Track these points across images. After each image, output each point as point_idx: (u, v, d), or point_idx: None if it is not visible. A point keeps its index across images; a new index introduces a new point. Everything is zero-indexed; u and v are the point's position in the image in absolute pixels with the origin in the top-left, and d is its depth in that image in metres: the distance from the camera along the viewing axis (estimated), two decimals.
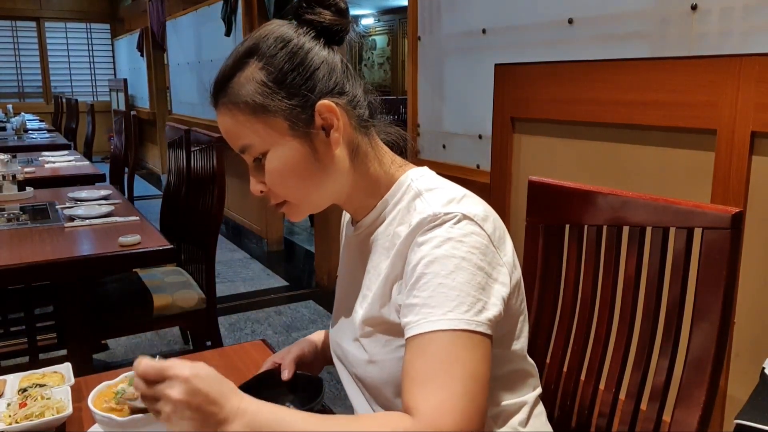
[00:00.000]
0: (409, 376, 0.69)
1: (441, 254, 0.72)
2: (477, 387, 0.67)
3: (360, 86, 0.84)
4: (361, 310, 0.85)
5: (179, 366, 0.63)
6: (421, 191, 0.82)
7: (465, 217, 0.75)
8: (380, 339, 0.83)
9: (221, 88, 0.80)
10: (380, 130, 0.88)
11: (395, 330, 0.79)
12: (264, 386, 0.91)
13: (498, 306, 0.73)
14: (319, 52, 0.80)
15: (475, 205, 0.78)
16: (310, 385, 0.93)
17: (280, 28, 0.81)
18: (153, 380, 0.63)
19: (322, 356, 1.05)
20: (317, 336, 1.09)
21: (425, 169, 0.88)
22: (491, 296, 0.73)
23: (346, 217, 0.98)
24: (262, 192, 0.83)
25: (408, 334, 0.71)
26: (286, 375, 0.95)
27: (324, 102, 0.79)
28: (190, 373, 0.62)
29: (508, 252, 0.80)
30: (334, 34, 0.82)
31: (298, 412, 0.68)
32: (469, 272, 0.72)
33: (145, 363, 0.64)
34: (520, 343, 0.87)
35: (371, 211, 0.86)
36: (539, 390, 0.93)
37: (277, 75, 0.78)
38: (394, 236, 0.82)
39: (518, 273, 0.83)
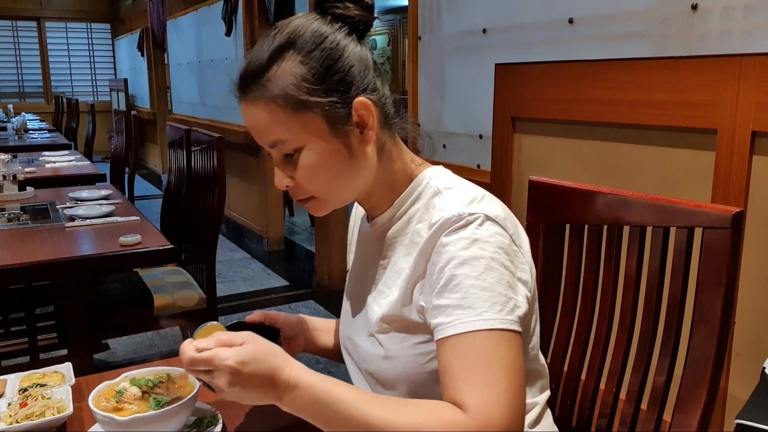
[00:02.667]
0: (448, 374, 0.70)
1: (470, 256, 0.74)
2: (517, 382, 0.69)
3: (386, 84, 0.85)
4: (378, 307, 0.85)
5: (223, 356, 0.66)
6: (440, 189, 0.83)
7: (488, 217, 0.76)
8: (397, 336, 0.83)
9: (254, 80, 0.78)
10: (399, 128, 0.88)
11: (413, 328, 0.81)
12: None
13: (524, 304, 0.75)
14: (353, 49, 0.80)
15: (495, 205, 0.80)
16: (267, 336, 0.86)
17: (313, 22, 0.80)
18: (203, 369, 0.68)
19: (304, 338, 1.02)
20: (319, 321, 1.07)
21: (442, 168, 0.89)
22: (518, 294, 0.75)
23: (359, 212, 0.98)
24: (287, 186, 0.82)
25: (442, 334, 0.72)
26: (251, 317, 0.94)
27: (360, 99, 0.79)
28: (234, 362, 0.66)
29: (526, 251, 0.82)
30: (361, 30, 0.82)
31: (348, 386, 0.69)
32: (498, 272, 0.73)
33: (190, 356, 0.67)
34: (533, 342, 0.87)
35: (389, 208, 0.87)
36: (548, 392, 0.93)
37: (317, 70, 0.77)
38: (414, 234, 0.83)
39: (534, 271, 0.84)
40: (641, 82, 1.55)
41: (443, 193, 0.82)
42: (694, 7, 1.48)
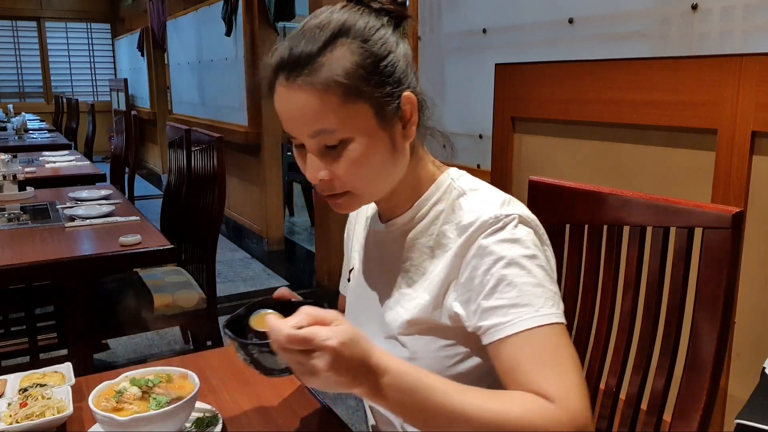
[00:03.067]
0: (518, 370, 0.70)
1: (515, 255, 0.75)
2: (581, 371, 0.72)
3: (419, 83, 0.84)
4: (402, 309, 0.84)
5: (324, 335, 0.61)
6: (465, 191, 0.83)
7: (521, 218, 0.78)
8: (422, 338, 0.83)
9: (306, 64, 0.74)
10: (426, 129, 0.88)
11: (440, 331, 0.81)
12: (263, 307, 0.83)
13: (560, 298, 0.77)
14: (400, 43, 0.79)
15: (522, 207, 0.81)
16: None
17: (361, 13, 0.78)
18: (299, 350, 0.61)
19: None
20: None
21: (461, 170, 0.89)
22: (558, 289, 0.77)
23: (368, 210, 0.97)
24: (320, 180, 0.78)
25: (501, 334, 0.72)
26: (280, 293, 0.88)
27: (408, 94, 0.79)
28: (337, 343, 0.61)
29: (550, 249, 0.83)
30: (399, 25, 0.81)
31: (434, 375, 0.67)
32: (542, 269, 0.76)
33: (288, 333, 0.61)
34: None
35: (410, 209, 0.86)
36: None
37: (372, 60, 0.76)
38: (440, 236, 0.82)
39: None
40: (641, 82, 1.55)
41: (468, 194, 0.83)
42: (694, 7, 1.48)
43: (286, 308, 0.74)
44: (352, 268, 0.98)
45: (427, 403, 0.65)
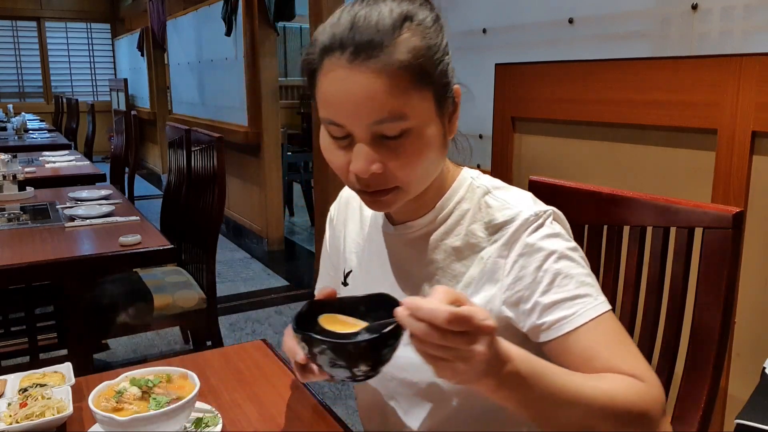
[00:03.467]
0: (596, 358, 0.70)
1: (562, 249, 0.76)
2: None
3: None
4: None
5: (482, 314, 0.54)
6: (489, 189, 0.82)
7: (555, 213, 0.79)
8: None
9: (377, 44, 0.69)
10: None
11: None
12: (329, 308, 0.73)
13: None
14: (444, 36, 0.77)
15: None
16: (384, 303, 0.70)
17: (416, 4, 0.74)
18: (452, 329, 0.53)
19: None
20: None
21: (475, 170, 0.87)
22: None
23: (350, 211, 0.95)
24: (372, 173, 0.72)
25: (569, 327, 0.72)
26: (329, 293, 0.76)
27: (458, 86, 0.78)
28: (494, 324, 0.55)
29: None
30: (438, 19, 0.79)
31: (547, 363, 0.64)
32: (584, 260, 0.77)
33: (451, 311, 0.53)
34: None
35: (432, 209, 0.83)
36: None
37: (435, 46, 0.73)
38: (468, 235, 0.80)
39: None
40: (641, 82, 1.55)
41: (494, 192, 0.81)
42: (694, 7, 1.48)
43: (347, 307, 0.70)
44: (350, 271, 0.94)
45: (550, 388, 0.62)
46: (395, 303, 0.61)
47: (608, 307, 0.73)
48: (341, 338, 0.65)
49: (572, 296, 0.73)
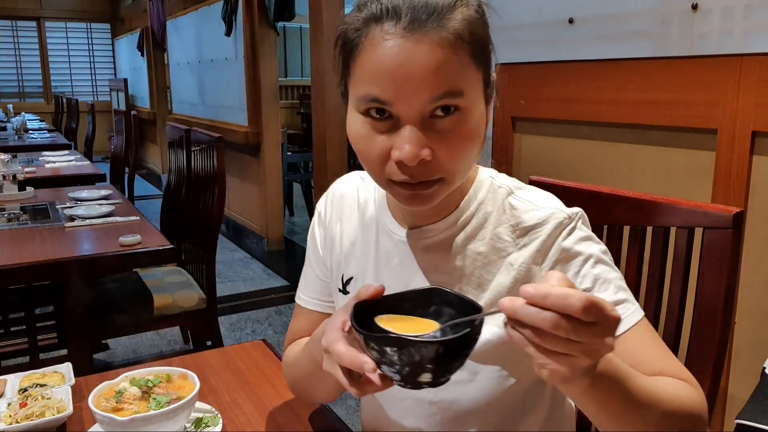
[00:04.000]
0: (644, 362, 0.67)
1: (597, 252, 0.73)
2: None
3: None
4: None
5: (609, 304, 0.49)
6: (512, 189, 0.77)
7: (582, 215, 0.76)
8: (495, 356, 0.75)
9: (436, 14, 0.63)
10: None
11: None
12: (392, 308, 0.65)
13: None
14: None
15: None
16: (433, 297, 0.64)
17: None
18: (583, 320, 0.48)
19: None
20: None
21: (491, 168, 0.83)
22: None
23: (364, 210, 0.84)
24: (421, 161, 0.64)
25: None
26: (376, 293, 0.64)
27: (497, 70, 0.71)
28: (620, 316, 0.50)
29: None
30: None
31: (622, 362, 0.60)
32: (613, 261, 0.74)
33: (582, 296, 0.47)
34: None
35: (453, 211, 0.76)
36: None
37: (486, 24, 0.69)
38: (494, 239, 0.75)
39: None
40: (641, 82, 1.55)
41: (517, 193, 0.77)
42: (695, 7, 1.48)
43: (392, 305, 0.63)
44: (351, 278, 0.85)
45: (631, 390, 0.58)
46: (451, 296, 0.59)
47: (643, 311, 0.71)
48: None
49: (613, 302, 0.69)
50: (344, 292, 0.85)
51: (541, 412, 0.80)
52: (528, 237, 0.73)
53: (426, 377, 0.56)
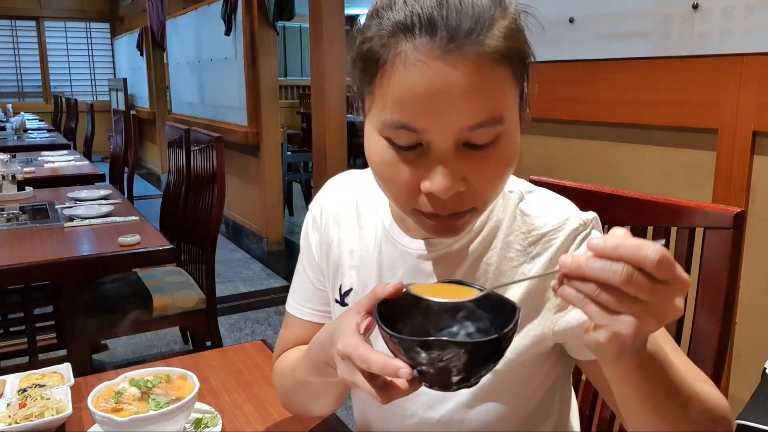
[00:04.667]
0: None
1: None
2: None
3: None
4: None
5: (679, 266, 0.46)
6: (523, 194, 0.73)
7: (596, 219, 0.72)
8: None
9: (476, 30, 0.55)
10: None
11: (512, 361, 0.70)
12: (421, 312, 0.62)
13: None
14: None
15: None
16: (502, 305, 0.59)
17: None
18: (656, 276, 0.44)
19: None
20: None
21: None
22: None
23: (343, 226, 0.80)
24: (455, 194, 0.59)
25: None
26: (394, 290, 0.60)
27: (531, 86, 0.64)
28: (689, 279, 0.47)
29: None
30: None
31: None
32: None
33: (657, 248, 0.44)
34: None
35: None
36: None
37: (524, 36, 0.62)
38: (505, 249, 0.70)
39: None
40: (641, 81, 1.55)
41: (528, 197, 0.72)
42: (695, 7, 1.48)
43: (410, 301, 0.59)
44: (350, 289, 0.79)
45: (675, 379, 0.55)
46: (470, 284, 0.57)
47: None
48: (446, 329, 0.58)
49: None
50: (342, 303, 0.80)
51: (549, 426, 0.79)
52: (541, 245, 0.69)
53: (457, 379, 0.54)
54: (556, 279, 0.50)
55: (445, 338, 0.52)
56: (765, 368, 0.81)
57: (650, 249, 0.44)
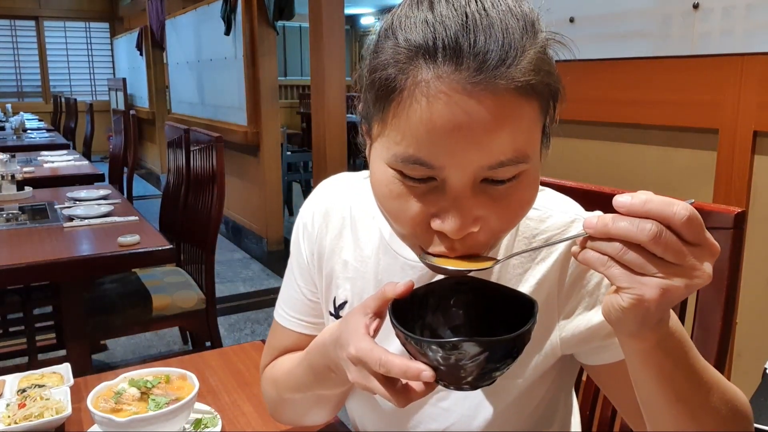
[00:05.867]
0: None
1: None
2: None
3: None
4: None
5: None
6: None
7: None
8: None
9: (507, 59, 0.49)
10: None
11: (516, 367, 0.67)
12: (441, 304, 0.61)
13: None
14: None
15: None
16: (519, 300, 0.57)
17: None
18: (684, 235, 0.44)
19: None
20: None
21: None
22: None
23: (357, 228, 0.75)
24: (469, 233, 0.53)
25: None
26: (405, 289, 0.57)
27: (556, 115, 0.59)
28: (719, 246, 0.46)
29: None
30: None
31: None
32: None
33: (685, 204, 0.44)
34: None
35: None
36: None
37: (553, 65, 0.57)
38: (509, 253, 0.67)
39: None
40: (642, 81, 1.55)
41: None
42: (696, 7, 1.48)
43: (418, 300, 0.58)
44: (345, 302, 0.76)
45: (696, 364, 0.53)
46: (489, 286, 0.56)
47: None
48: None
49: None
50: (337, 316, 0.77)
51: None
52: (545, 250, 0.66)
53: (474, 377, 0.52)
54: (577, 245, 0.48)
55: (464, 338, 0.50)
56: (765, 368, 0.81)
57: (680, 206, 0.43)
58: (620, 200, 0.44)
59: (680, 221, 0.43)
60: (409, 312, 0.58)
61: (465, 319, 0.60)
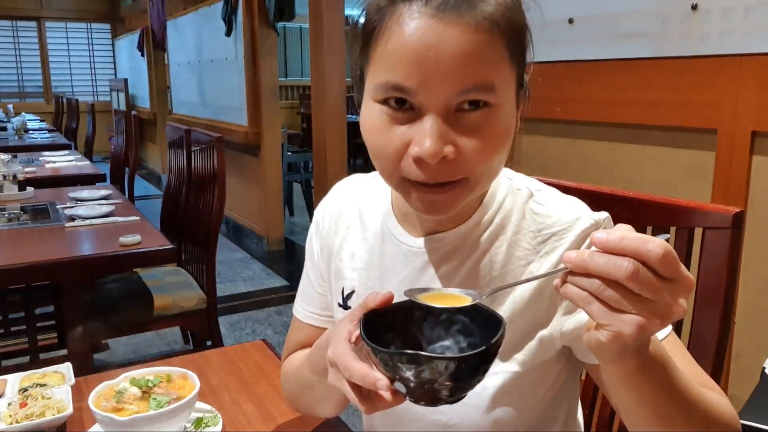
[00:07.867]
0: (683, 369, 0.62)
1: None
2: None
3: None
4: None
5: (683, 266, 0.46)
6: (532, 192, 0.71)
7: (609, 219, 0.69)
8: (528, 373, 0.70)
9: (475, 1, 0.57)
10: None
11: (524, 364, 0.69)
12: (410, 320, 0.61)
13: None
14: None
15: None
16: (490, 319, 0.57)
17: None
18: (660, 272, 0.44)
19: None
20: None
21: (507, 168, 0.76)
22: None
23: (364, 218, 0.78)
24: (443, 158, 0.58)
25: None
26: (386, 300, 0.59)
27: (532, 69, 0.65)
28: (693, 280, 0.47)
29: None
30: None
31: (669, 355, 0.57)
32: None
33: (660, 242, 0.44)
34: None
35: (470, 217, 0.70)
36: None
37: (523, 15, 0.63)
38: (512, 247, 0.69)
39: None
40: (641, 82, 1.55)
41: (537, 196, 0.70)
42: (694, 7, 1.48)
43: (401, 312, 0.59)
44: (352, 292, 0.79)
45: (678, 384, 0.54)
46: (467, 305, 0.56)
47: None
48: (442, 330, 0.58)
49: None
50: (345, 306, 0.79)
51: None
52: (550, 244, 0.67)
53: (442, 394, 0.52)
54: (559, 278, 0.49)
55: (423, 353, 0.50)
56: (764, 368, 0.81)
57: (655, 243, 0.44)
58: (597, 237, 0.46)
59: (655, 258, 0.44)
60: (395, 324, 0.59)
61: (449, 336, 0.60)
